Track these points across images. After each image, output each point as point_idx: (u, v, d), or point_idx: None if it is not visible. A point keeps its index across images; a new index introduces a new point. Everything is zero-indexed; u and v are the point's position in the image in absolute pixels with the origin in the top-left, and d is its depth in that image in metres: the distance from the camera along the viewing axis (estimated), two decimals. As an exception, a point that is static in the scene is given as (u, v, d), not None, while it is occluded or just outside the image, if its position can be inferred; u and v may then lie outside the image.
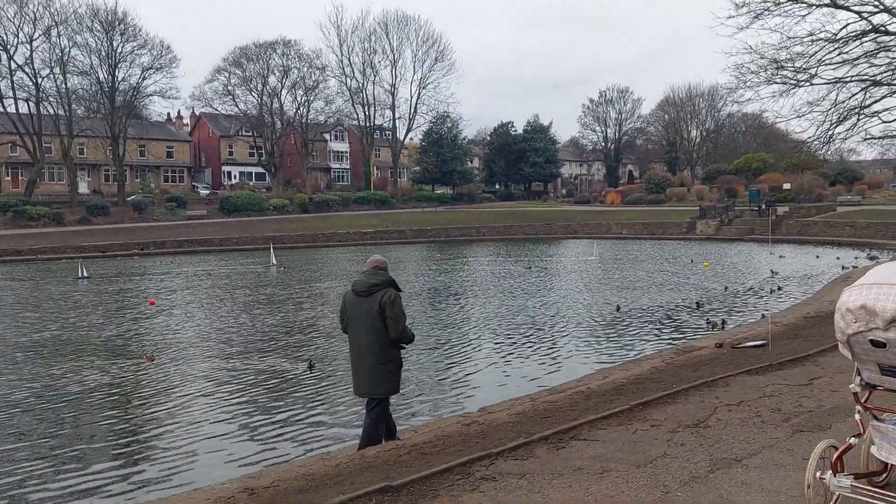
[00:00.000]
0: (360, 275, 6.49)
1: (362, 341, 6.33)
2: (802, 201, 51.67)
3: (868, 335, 3.42)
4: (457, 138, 78.46)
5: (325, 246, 48.93)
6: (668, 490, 4.44)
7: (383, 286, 6.30)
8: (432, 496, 4.56)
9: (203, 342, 14.00)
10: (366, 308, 6.26)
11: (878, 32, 18.48)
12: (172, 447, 7.73)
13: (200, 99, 69.35)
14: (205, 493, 5.71)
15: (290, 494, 5.21)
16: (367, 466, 5.81)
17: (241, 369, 11.25)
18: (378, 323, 6.21)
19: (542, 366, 11.34)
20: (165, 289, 24.10)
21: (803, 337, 10.00)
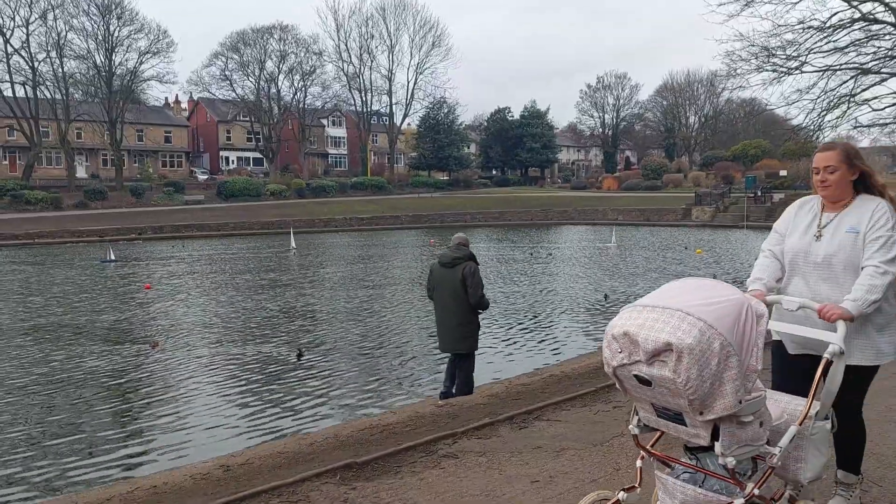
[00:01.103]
0: (445, 249, 7.77)
1: (447, 306, 7.53)
2: (798, 188, 51.77)
3: (632, 369, 2.62)
4: (453, 124, 78.40)
5: (322, 231, 49.10)
6: (620, 467, 4.65)
7: (464, 259, 7.50)
8: (395, 472, 4.77)
9: (223, 325, 14.22)
10: (450, 278, 7.46)
11: (867, 21, 18.55)
12: (167, 431, 7.97)
13: (198, 84, 69.36)
14: (183, 470, 5.94)
15: (262, 471, 5.43)
16: (339, 445, 6.04)
17: (248, 354, 11.47)
18: (460, 290, 7.39)
19: (533, 350, 11.60)
20: (195, 272, 24.61)
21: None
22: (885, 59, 19.04)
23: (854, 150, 3.43)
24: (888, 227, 3.22)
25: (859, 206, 3.36)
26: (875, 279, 3.13)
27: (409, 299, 17.48)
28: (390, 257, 29.69)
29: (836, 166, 3.34)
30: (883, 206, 3.30)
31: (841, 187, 3.39)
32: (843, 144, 3.52)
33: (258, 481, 5.03)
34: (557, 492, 4.30)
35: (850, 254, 3.29)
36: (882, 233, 3.21)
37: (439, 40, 75.08)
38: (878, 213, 3.28)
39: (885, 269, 3.14)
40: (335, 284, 20.81)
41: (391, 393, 9.39)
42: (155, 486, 5.55)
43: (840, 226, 3.36)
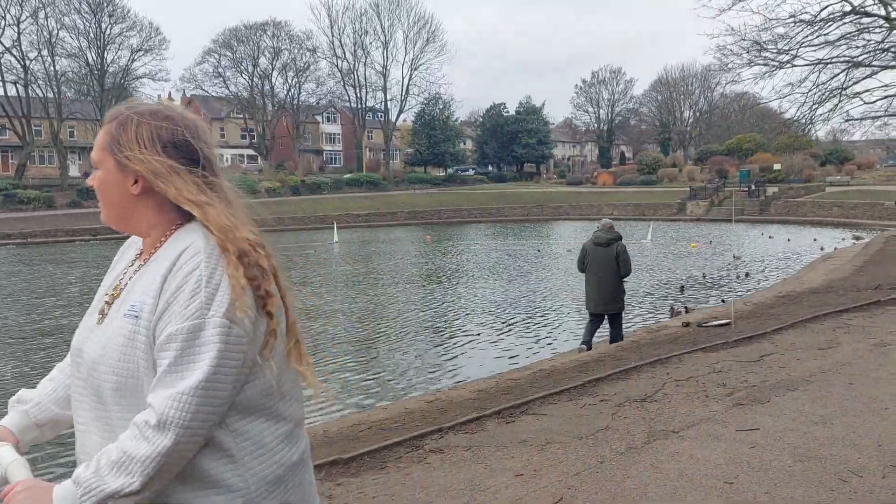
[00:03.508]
0: (597, 231, 9.51)
1: (603, 276, 9.28)
2: (792, 182, 51.91)
3: None
4: (449, 120, 78.31)
5: (316, 229, 49.03)
6: (604, 460, 4.67)
7: (616, 239, 9.35)
8: (380, 468, 4.78)
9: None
10: (605, 255, 9.27)
11: (858, 14, 18.54)
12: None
13: (191, 81, 69.16)
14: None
15: (249, 467, 5.45)
16: (327, 441, 6.05)
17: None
18: (614, 264, 9.21)
19: (525, 346, 11.61)
20: None
21: (768, 315, 10.23)
22: (875, 52, 19.06)
23: (135, 120, 1.60)
24: (196, 304, 1.42)
25: (168, 251, 1.55)
26: (134, 445, 1.38)
27: (409, 296, 17.49)
28: (386, 254, 29.69)
29: (101, 158, 1.64)
30: (196, 254, 1.49)
31: (121, 207, 1.63)
32: (120, 112, 1.66)
33: (244, 478, 5.05)
34: (541, 485, 4.31)
35: (120, 365, 1.48)
36: (180, 324, 1.41)
37: (434, 36, 74.98)
38: (182, 271, 1.47)
39: (161, 423, 1.37)
40: (341, 281, 20.82)
41: (386, 389, 9.39)
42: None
43: (126, 298, 1.56)
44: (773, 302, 12.01)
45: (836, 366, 6.57)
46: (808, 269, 19.02)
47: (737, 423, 5.16)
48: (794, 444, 4.67)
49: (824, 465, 4.32)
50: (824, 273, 16.35)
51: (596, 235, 9.45)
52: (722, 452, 4.63)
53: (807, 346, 7.48)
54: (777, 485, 4.07)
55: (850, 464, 4.32)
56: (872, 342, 7.47)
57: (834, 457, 4.44)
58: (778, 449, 4.61)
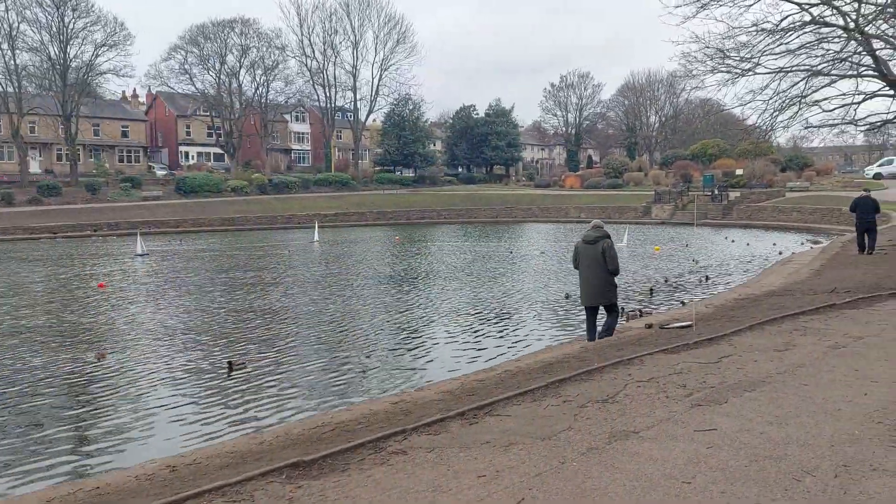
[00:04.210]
0: (587, 231, 10.05)
1: (592, 272, 9.87)
2: (754, 187, 52.96)
3: None
4: (418, 121, 78.25)
5: (283, 228, 48.60)
6: (565, 460, 4.71)
7: (603, 237, 9.88)
8: (342, 469, 4.76)
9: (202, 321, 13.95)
10: (592, 251, 9.86)
11: (818, 24, 19.02)
12: (120, 432, 7.81)
13: (156, 77, 68.03)
14: (129, 471, 5.83)
15: (209, 471, 5.37)
16: (290, 444, 6.00)
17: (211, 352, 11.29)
18: (601, 260, 9.76)
19: (494, 348, 11.65)
20: (227, 266, 24.39)
21: (728, 318, 10.42)
22: (834, 62, 19.56)
23: None
24: None
25: None
26: None
27: (377, 296, 17.43)
28: (355, 255, 29.54)
29: None
30: None
31: None
32: None
33: (204, 481, 4.97)
34: (503, 486, 4.33)
35: None
36: None
37: (404, 37, 74.88)
38: None
39: None
40: (305, 282, 20.64)
41: (352, 390, 9.33)
42: (98, 486, 5.44)
43: None
44: (733, 304, 12.25)
45: (792, 367, 6.73)
46: (768, 272, 19.43)
47: (695, 424, 5.25)
48: (750, 444, 4.77)
49: (779, 464, 4.42)
50: (783, 277, 16.72)
51: (585, 234, 10.08)
52: (680, 452, 4.71)
53: (764, 347, 7.64)
54: (733, 484, 4.15)
55: (804, 463, 4.42)
56: (827, 344, 7.66)
57: (788, 457, 4.54)
58: (734, 449, 4.70)
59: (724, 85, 20.23)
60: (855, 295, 11.07)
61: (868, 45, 18.51)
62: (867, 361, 6.83)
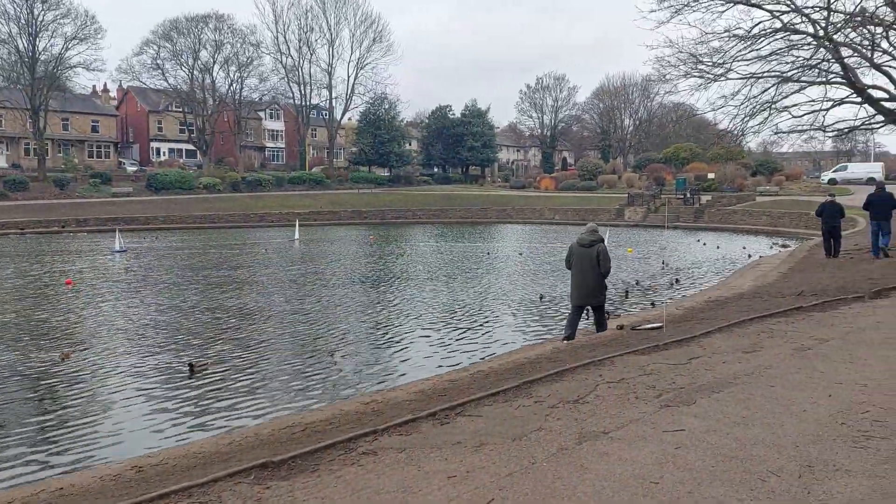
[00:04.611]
0: (582, 234, 10.54)
1: (585, 273, 10.33)
2: (725, 191, 53.72)
3: None
4: (394, 120, 78.00)
5: (257, 226, 48.15)
6: (535, 461, 4.72)
7: (598, 241, 10.39)
8: (312, 470, 4.72)
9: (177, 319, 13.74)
10: (587, 254, 10.33)
11: (788, 31, 19.35)
12: (89, 433, 7.66)
13: (128, 72, 66.97)
14: (94, 471, 5.74)
15: (176, 472, 5.30)
16: (259, 444, 5.94)
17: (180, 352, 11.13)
18: (595, 263, 10.25)
19: (469, 348, 11.65)
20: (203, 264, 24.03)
21: (698, 320, 10.56)
22: (804, 69, 19.90)
23: None
24: None
25: None
26: None
27: (352, 296, 17.34)
28: (328, 255, 29.37)
29: None
30: None
31: None
32: None
33: (170, 482, 4.90)
34: (473, 486, 4.33)
35: None
36: None
37: (380, 36, 74.61)
38: None
39: None
40: (282, 281, 20.46)
41: (325, 391, 9.27)
42: (62, 487, 5.35)
43: None
44: (702, 306, 12.40)
45: (759, 369, 6.83)
46: (737, 275, 19.72)
47: (664, 425, 5.30)
48: (717, 445, 4.83)
49: (744, 465, 4.48)
50: (752, 279, 16.97)
51: (581, 238, 10.54)
52: (649, 453, 4.75)
53: (732, 349, 7.75)
54: (700, 484, 4.20)
55: (769, 464, 4.48)
56: (793, 346, 7.79)
57: (754, 457, 4.61)
58: (702, 449, 4.76)
59: (697, 90, 20.48)
60: (821, 298, 11.28)
61: (837, 53, 18.87)
62: (831, 363, 6.95)
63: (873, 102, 19.43)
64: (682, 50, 19.95)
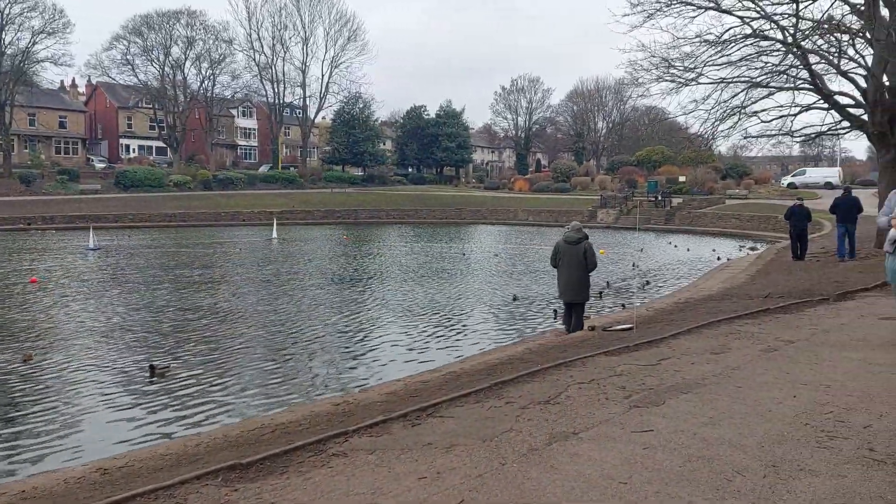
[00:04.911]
0: (568, 232, 10.86)
1: (571, 271, 10.65)
2: (696, 194, 54.50)
3: None
4: (369, 119, 77.79)
5: (228, 225, 47.67)
6: (506, 462, 4.73)
7: (584, 238, 10.77)
8: (281, 472, 4.68)
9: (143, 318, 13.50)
10: (574, 251, 10.67)
11: (758, 37, 19.69)
12: (54, 435, 7.50)
13: (97, 68, 65.88)
14: (58, 474, 5.62)
15: (142, 474, 5.21)
16: (228, 446, 5.87)
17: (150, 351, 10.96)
18: (581, 260, 10.59)
19: (441, 349, 11.64)
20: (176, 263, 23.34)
21: (668, 321, 10.68)
22: (773, 74, 20.27)
23: None
24: None
25: None
26: None
27: (327, 296, 17.23)
28: (300, 254, 29.16)
29: None
30: None
31: None
32: None
33: (136, 484, 4.82)
34: (443, 487, 4.32)
35: None
36: None
37: (355, 35, 74.35)
38: None
39: None
40: (256, 281, 20.26)
41: (297, 392, 9.19)
42: (24, 490, 5.22)
43: None
44: (672, 308, 12.55)
45: (727, 370, 6.93)
46: (707, 277, 20.00)
47: (633, 425, 5.35)
48: (685, 445, 4.89)
49: (711, 465, 4.54)
50: (721, 281, 17.22)
51: (567, 236, 10.89)
52: (618, 453, 4.79)
53: (701, 350, 7.85)
54: (667, 484, 4.24)
55: (735, 464, 4.55)
56: (760, 348, 7.92)
57: (720, 457, 4.67)
58: (669, 450, 4.81)
59: (669, 94, 20.77)
60: (787, 300, 11.48)
61: (805, 60, 19.25)
62: (797, 365, 7.08)
63: (839, 108, 19.86)
64: (654, 54, 20.22)
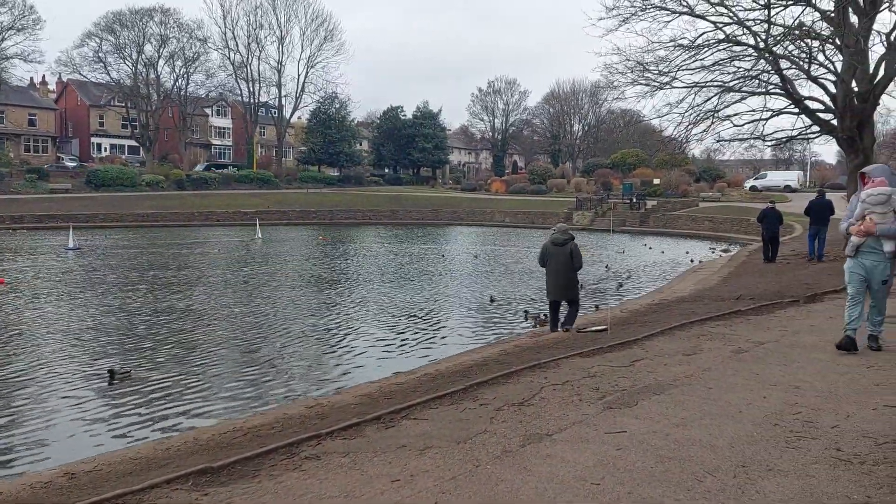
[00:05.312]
0: (555, 234, 11.17)
1: (559, 270, 10.96)
2: (670, 196, 55.07)
3: None
4: (345, 120, 77.45)
5: (202, 225, 47.15)
6: (479, 464, 4.73)
7: (571, 240, 11.14)
8: (252, 476, 4.62)
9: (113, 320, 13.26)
10: (561, 252, 10.99)
11: (731, 42, 19.97)
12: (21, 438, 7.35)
13: (68, 65, 64.80)
14: (23, 479, 5.50)
15: (110, 478, 5.12)
16: (199, 449, 5.79)
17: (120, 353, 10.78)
18: (568, 260, 10.91)
19: (418, 350, 11.62)
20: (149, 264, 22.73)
21: (641, 322, 10.77)
22: (745, 79, 20.57)
23: None
24: None
25: None
26: None
27: (303, 297, 17.10)
28: (275, 255, 28.94)
29: None
30: None
31: None
32: None
33: (104, 489, 4.73)
34: (417, 490, 4.31)
35: None
36: None
37: (332, 35, 73.99)
38: None
39: None
40: (233, 283, 20.05)
41: (270, 394, 9.11)
42: (-14, 497, 5.10)
43: None
44: (646, 309, 12.67)
45: (699, 371, 7.00)
46: (680, 279, 20.22)
47: (606, 426, 5.38)
48: (657, 446, 4.93)
49: (682, 465, 4.58)
50: (694, 283, 17.42)
51: (554, 237, 11.24)
52: (591, 454, 4.81)
53: (674, 352, 7.93)
54: (639, 485, 4.27)
55: (706, 464, 4.60)
56: (731, 349, 8.02)
57: (691, 458, 4.71)
58: (642, 451, 4.85)
59: (644, 97, 20.99)
60: (758, 302, 11.64)
61: (776, 65, 19.56)
62: (767, 366, 7.18)
63: (810, 113, 20.21)
64: (629, 58, 20.40)
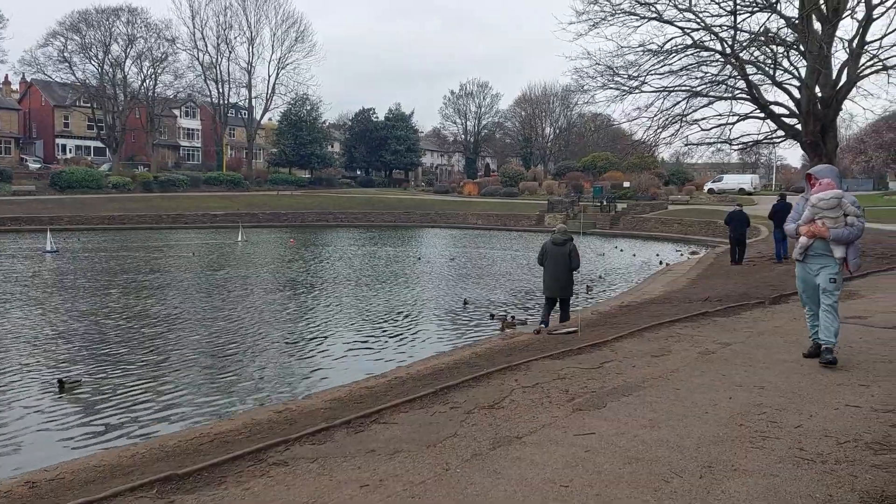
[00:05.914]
0: (555, 235, 11.94)
1: (558, 269, 11.75)
2: (640, 199, 55.73)
3: None
4: (316, 121, 76.99)
5: (169, 228, 46.49)
6: (449, 467, 4.72)
7: (570, 240, 11.87)
8: (218, 483, 4.56)
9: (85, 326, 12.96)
10: (560, 251, 11.78)
11: (698, 48, 20.29)
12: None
13: (32, 64, 63.38)
14: (-19, 489, 5.36)
15: (73, 486, 5.01)
16: (164, 456, 5.69)
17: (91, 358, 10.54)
18: (567, 259, 11.71)
19: (390, 353, 11.57)
20: (121, 268, 22.19)
21: (611, 324, 10.86)
22: (712, 84, 20.91)
23: None
24: None
25: None
26: None
27: (275, 302, 16.93)
28: (245, 258, 28.65)
29: None
30: None
31: None
32: None
33: (66, 497, 4.63)
34: (386, 494, 4.29)
35: None
36: None
37: (303, 36, 73.55)
38: None
39: None
40: (207, 286, 19.77)
41: (238, 400, 9.00)
42: (-57, 508, 4.96)
43: None
44: (616, 312, 12.77)
45: (667, 373, 7.08)
46: (650, 280, 20.44)
47: (575, 428, 5.41)
48: (625, 448, 4.97)
49: (650, 466, 4.62)
50: (663, 285, 17.63)
51: (554, 238, 11.96)
52: (560, 457, 4.83)
53: (642, 353, 8.01)
54: (607, 486, 4.30)
55: (673, 465, 4.64)
56: (698, 350, 8.12)
57: (659, 459, 4.76)
58: (610, 452, 4.88)
59: (614, 101, 21.21)
60: (725, 303, 11.81)
61: (742, 70, 19.91)
62: (732, 367, 7.29)
63: (775, 118, 20.61)
64: (599, 62, 20.62)
